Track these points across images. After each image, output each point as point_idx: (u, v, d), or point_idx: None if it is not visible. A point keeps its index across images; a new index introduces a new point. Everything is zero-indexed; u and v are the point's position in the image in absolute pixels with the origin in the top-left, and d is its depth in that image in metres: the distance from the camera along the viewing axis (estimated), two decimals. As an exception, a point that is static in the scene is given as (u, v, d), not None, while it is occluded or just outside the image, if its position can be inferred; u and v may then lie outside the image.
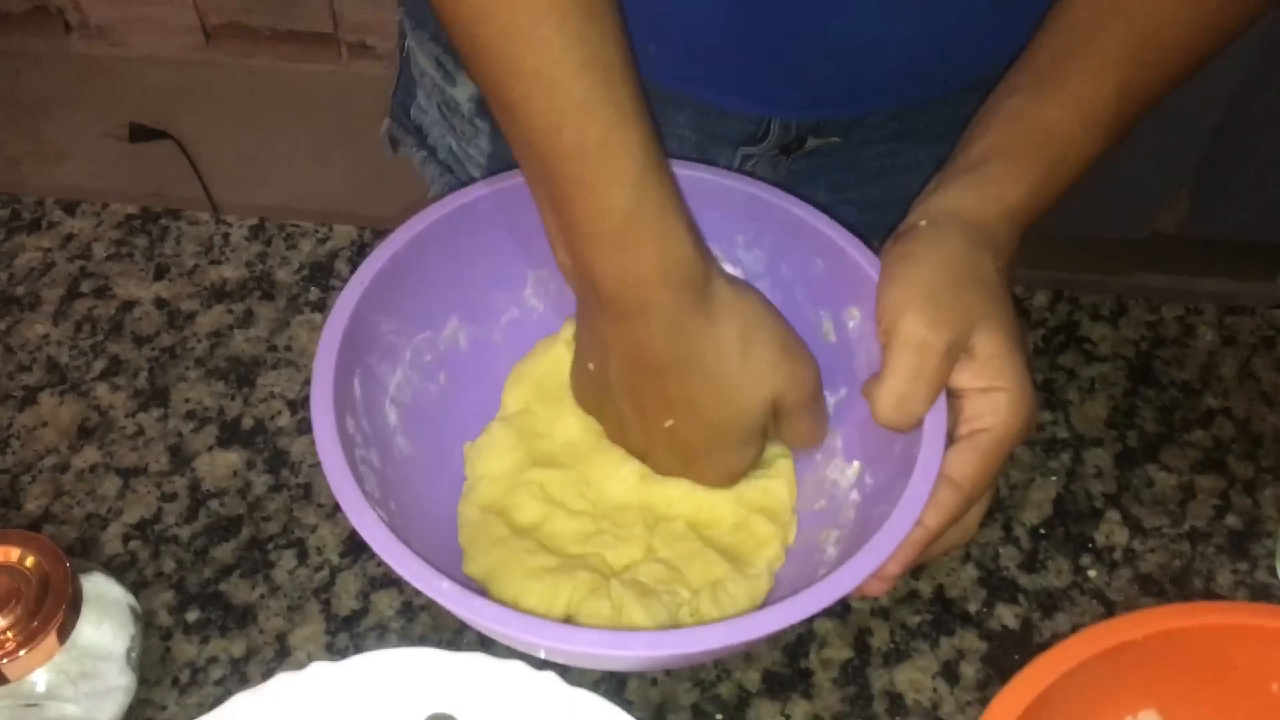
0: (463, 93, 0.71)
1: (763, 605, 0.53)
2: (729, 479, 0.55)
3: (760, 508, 0.56)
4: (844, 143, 0.69)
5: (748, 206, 0.57)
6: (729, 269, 0.59)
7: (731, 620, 0.44)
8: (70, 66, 1.94)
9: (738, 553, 0.56)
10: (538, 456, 0.57)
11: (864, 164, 0.71)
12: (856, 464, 0.56)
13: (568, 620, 0.52)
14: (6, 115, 1.86)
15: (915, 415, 0.49)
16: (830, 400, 0.57)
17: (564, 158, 0.47)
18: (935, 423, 0.49)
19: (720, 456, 0.53)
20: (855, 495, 0.55)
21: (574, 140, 0.46)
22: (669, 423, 0.52)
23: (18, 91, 1.89)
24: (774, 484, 0.57)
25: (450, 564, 0.55)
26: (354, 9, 1.88)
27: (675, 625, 0.52)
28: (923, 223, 0.51)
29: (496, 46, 0.47)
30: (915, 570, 0.57)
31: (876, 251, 0.54)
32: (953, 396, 0.50)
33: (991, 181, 0.51)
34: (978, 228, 0.50)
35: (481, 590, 0.53)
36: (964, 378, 0.49)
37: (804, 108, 0.66)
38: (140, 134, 1.82)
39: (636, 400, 0.52)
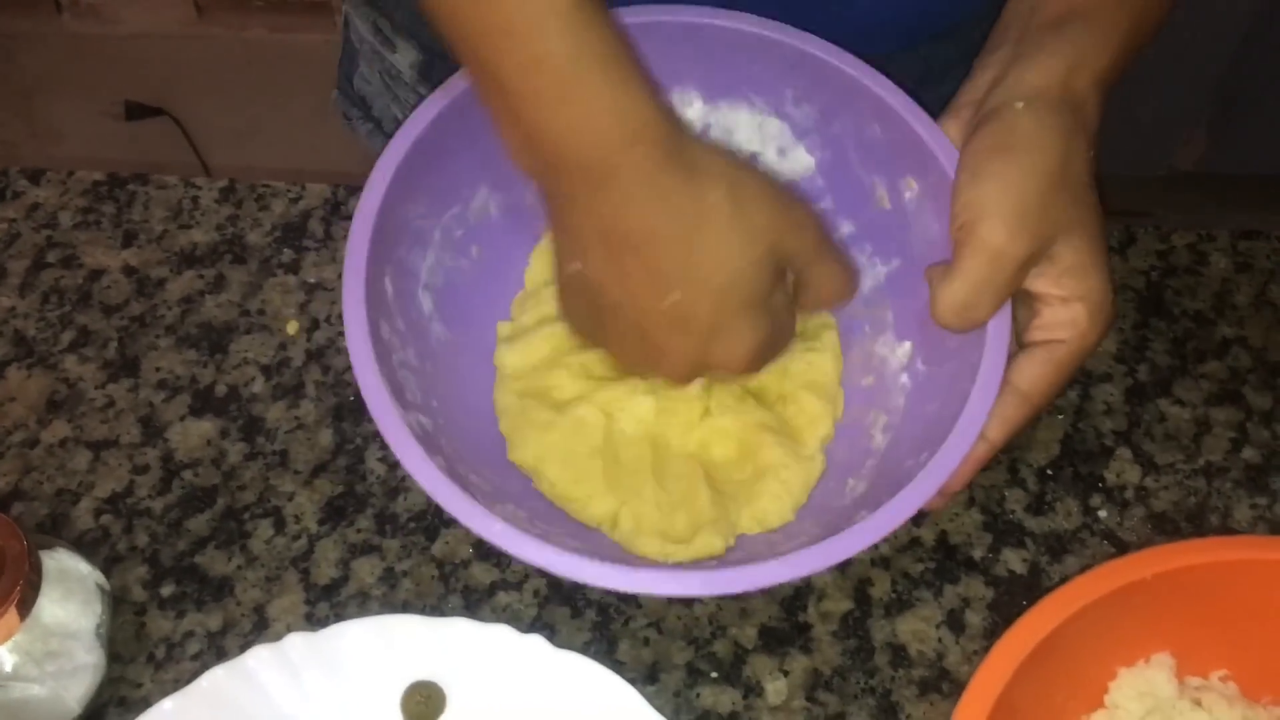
0: (404, 59, 0.67)
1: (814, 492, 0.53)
2: (751, 359, 0.47)
3: (807, 382, 0.54)
4: None
5: (800, 64, 0.53)
6: (775, 122, 0.56)
7: (786, 557, 0.43)
8: (63, 47, 1.91)
9: (790, 428, 0.54)
10: (571, 340, 0.55)
11: None
12: (909, 344, 0.53)
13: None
14: (1, 99, 1.84)
15: (977, 323, 0.46)
16: (883, 270, 0.55)
17: (491, 4, 0.41)
18: (998, 331, 0.47)
19: (733, 330, 0.46)
20: (905, 379, 0.53)
21: None
22: (669, 299, 0.45)
23: (12, 74, 1.88)
24: (820, 357, 0.55)
25: (496, 454, 0.54)
26: (346, -25, 1.85)
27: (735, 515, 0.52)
28: (1018, 104, 0.47)
29: None
30: (917, 517, 0.54)
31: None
32: (1031, 300, 0.47)
33: (1080, 45, 0.48)
34: (1075, 108, 0.46)
35: (528, 479, 0.53)
36: (1043, 283, 0.46)
37: None
38: (136, 112, 1.81)
39: (627, 288, 0.45)
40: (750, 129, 0.57)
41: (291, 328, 0.61)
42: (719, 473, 0.53)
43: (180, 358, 0.60)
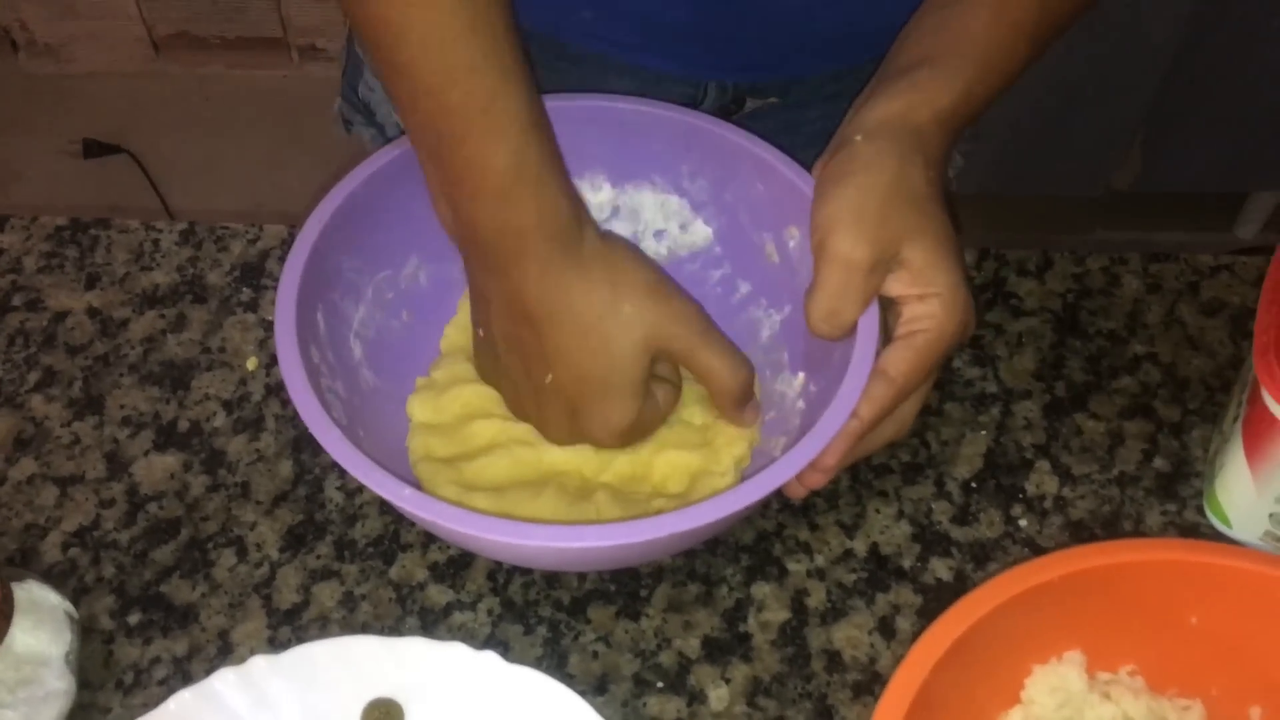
0: None
1: None
2: (616, 436, 0.54)
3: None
4: (783, 103, 0.69)
5: (690, 137, 0.59)
6: (675, 199, 0.61)
7: (669, 514, 0.46)
8: (20, 86, 1.93)
9: (709, 446, 0.57)
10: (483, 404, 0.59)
11: (805, 126, 0.71)
12: (801, 375, 0.58)
13: None
14: (-41, 140, 1.85)
15: (844, 326, 0.51)
16: (777, 319, 0.60)
17: (451, 118, 0.49)
18: (867, 326, 0.51)
19: (602, 409, 0.53)
20: (801, 404, 0.57)
21: (460, 101, 0.49)
22: (549, 378, 0.53)
23: (-31, 115, 1.89)
24: None
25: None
26: (302, 12, 1.88)
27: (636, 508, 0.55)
28: (858, 138, 0.52)
29: (385, 11, 0.49)
30: (850, 530, 0.58)
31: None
32: (893, 304, 0.52)
33: (922, 87, 0.53)
34: (911, 135, 0.52)
35: None
36: (899, 286, 0.52)
37: (741, 70, 0.67)
38: (94, 150, 1.82)
39: (519, 355, 0.54)
40: (654, 208, 0.62)
41: (251, 364, 0.63)
42: (625, 485, 0.56)
43: (143, 395, 0.62)
